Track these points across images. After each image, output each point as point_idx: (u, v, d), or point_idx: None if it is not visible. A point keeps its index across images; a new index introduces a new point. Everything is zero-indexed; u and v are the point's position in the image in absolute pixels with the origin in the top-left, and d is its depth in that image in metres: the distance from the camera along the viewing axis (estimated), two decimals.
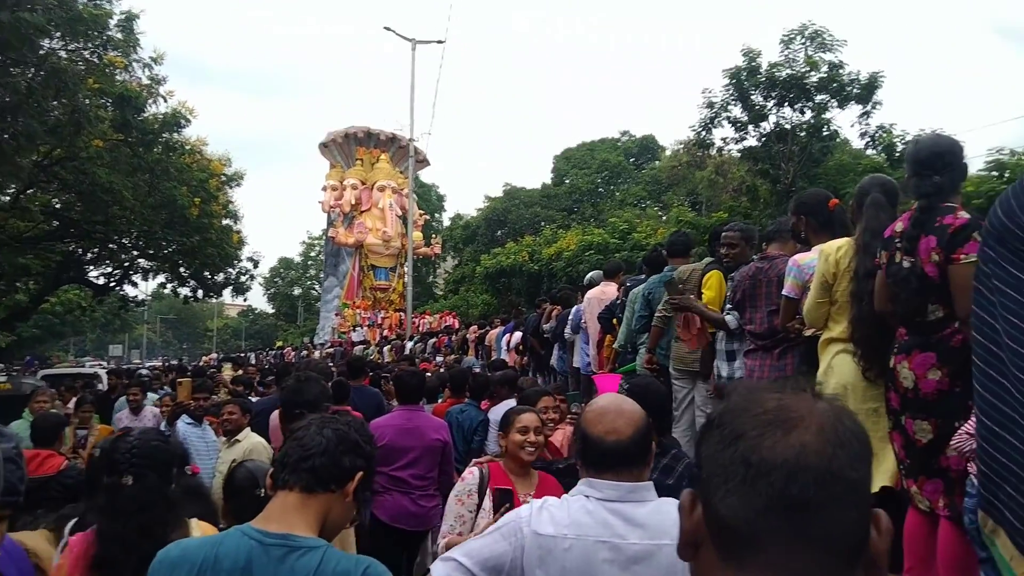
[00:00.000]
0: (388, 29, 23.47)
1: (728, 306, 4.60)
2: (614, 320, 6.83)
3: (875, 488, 3.28)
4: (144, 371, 16.61)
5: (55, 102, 11.27)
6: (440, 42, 23.92)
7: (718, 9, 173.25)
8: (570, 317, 8.52)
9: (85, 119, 11.32)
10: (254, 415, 5.46)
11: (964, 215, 2.88)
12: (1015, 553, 2.16)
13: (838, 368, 3.42)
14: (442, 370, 10.88)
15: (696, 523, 0.86)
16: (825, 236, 3.67)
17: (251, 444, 5.27)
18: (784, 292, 3.82)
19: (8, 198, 17.15)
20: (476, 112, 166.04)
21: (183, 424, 6.10)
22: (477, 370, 8.66)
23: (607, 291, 7.51)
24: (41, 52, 10.94)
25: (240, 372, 13.58)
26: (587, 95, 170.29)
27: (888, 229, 3.17)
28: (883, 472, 3.26)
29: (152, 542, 2.17)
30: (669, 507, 1.91)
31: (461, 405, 6.38)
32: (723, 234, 4.90)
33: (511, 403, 6.06)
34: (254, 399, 7.20)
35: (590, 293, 7.72)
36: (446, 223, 50.39)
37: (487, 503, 3.23)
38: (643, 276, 6.57)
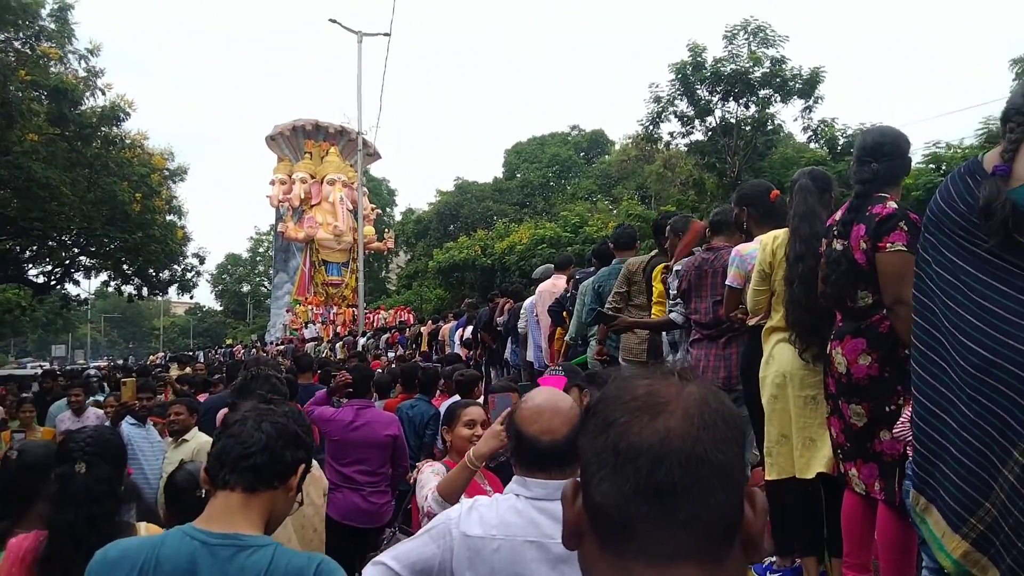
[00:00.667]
0: (333, 21, 23.27)
1: (672, 293, 4.65)
2: (564, 313, 6.86)
3: (811, 474, 3.37)
4: (92, 371, 16.15)
5: None
6: (386, 35, 23.69)
7: (665, 4, 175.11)
8: (522, 310, 8.53)
9: (17, 112, 10.94)
10: (202, 414, 5.35)
11: (892, 205, 2.96)
12: (946, 529, 2.24)
13: (778, 356, 3.49)
14: (393, 366, 10.81)
15: (578, 512, 0.87)
16: (767, 227, 3.73)
17: (199, 444, 5.16)
18: (727, 282, 3.88)
19: None
20: (426, 106, 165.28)
21: (127, 425, 5.94)
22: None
23: (558, 284, 7.54)
24: None
25: (187, 371, 13.31)
26: (537, 89, 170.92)
27: (831, 218, 3.25)
28: (820, 459, 3.35)
29: (100, 536, 2.16)
30: None
31: (412, 400, 6.36)
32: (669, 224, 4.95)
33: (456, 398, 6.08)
34: (201, 398, 7.07)
35: (541, 286, 7.75)
36: (397, 217, 50.07)
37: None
38: (592, 269, 6.61)
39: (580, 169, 45.61)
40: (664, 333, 4.77)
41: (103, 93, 15.41)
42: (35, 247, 20.83)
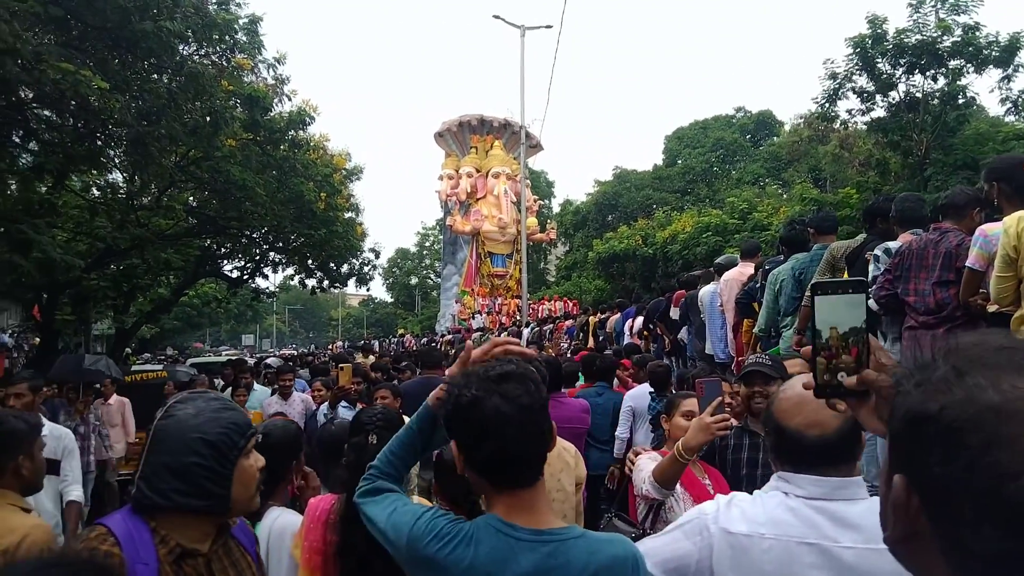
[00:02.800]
0: (497, 17, 23.60)
1: (882, 274, 4.24)
2: (754, 304, 6.53)
3: None
4: (271, 361, 17.31)
5: (194, 104, 11.79)
6: (548, 27, 23.85)
7: None
8: (699, 300, 8.24)
9: (222, 119, 11.83)
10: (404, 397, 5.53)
11: None
12: None
13: None
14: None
15: (914, 516, 0.74)
16: (1018, 203, 3.32)
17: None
18: (968, 263, 3.49)
19: (148, 199, 18.24)
20: (583, 96, 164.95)
21: (342, 408, 6.30)
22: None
23: (745, 272, 7.21)
24: (178, 58, 11.51)
25: (372, 357, 13.94)
26: (699, 72, 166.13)
27: None
28: None
29: None
30: None
31: (595, 388, 6.33)
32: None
33: (646, 387, 5.96)
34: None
35: (727, 275, 7.42)
36: (556, 209, 50.24)
37: (678, 488, 3.12)
38: (781, 257, 6.24)
39: (746, 152, 43.85)
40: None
41: (289, 99, 16.39)
42: (230, 244, 22.58)
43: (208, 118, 12.15)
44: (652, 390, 5.74)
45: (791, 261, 5.81)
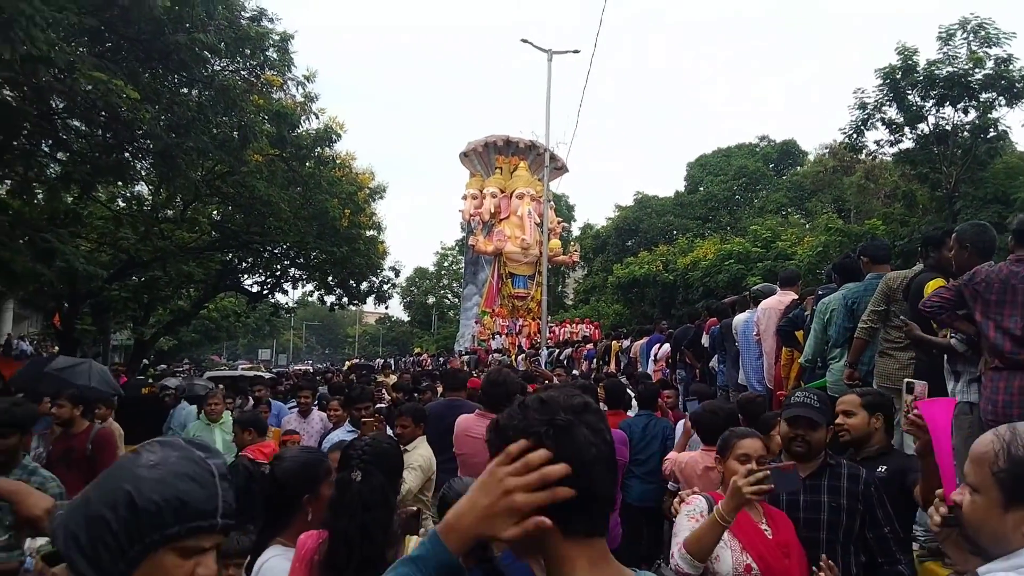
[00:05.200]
0: (525, 41, 23.54)
1: (949, 310, 3.96)
2: (797, 333, 6.26)
3: None
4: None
5: (224, 118, 11.73)
6: (576, 52, 23.76)
7: (854, 11, 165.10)
8: (735, 328, 7.96)
9: (251, 134, 11.76)
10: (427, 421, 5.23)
11: None
12: None
13: None
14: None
15: None
16: None
17: (420, 455, 5.02)
18: None
19: (173, 212, 18.25)
20: (605, 119, 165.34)
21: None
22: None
23: (784, 300, 6.94)
24: (208, 71, 11.47)
25: (394, 377, 13.72)
26: (723, 100, 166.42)
27: None
28: None
29: (372, 545, 2.29)
30: None
31: (641, 416, 6.10)
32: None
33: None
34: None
35: (766, 303, 7.14)
36: (576, 232, 50.09)
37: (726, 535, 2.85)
38: (834, 285, 5.97)
39: (769, 181, 43.55)
40: (946, 360, 4.10)
41: (316, 117, 16.35)
42: (252, 259, 22.57)
43: (237, 132, 12.09)
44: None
45: (843, 290, 5.54)
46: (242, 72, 12.86)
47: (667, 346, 11.90)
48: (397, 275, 27.95)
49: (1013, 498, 1.38)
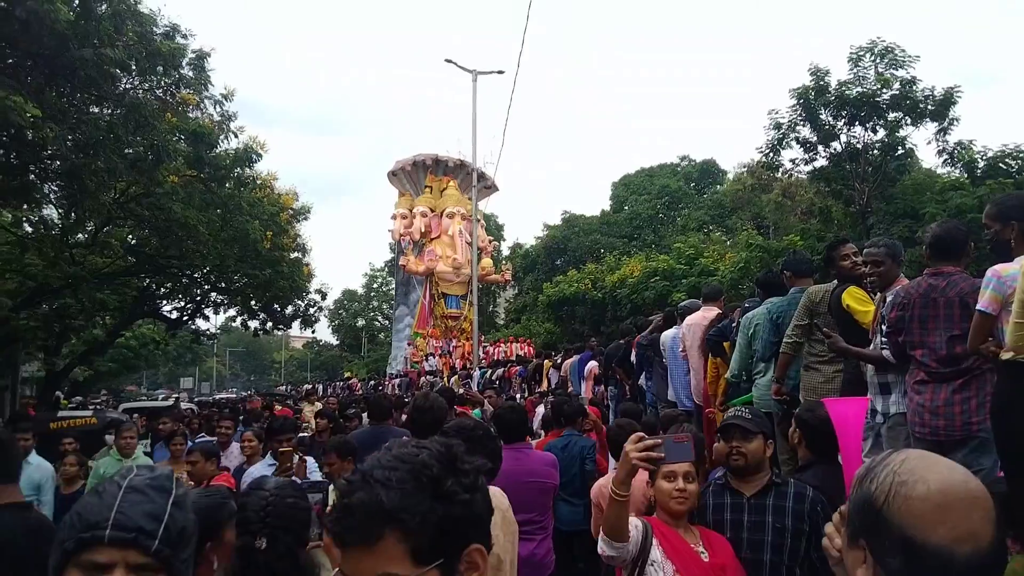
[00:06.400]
0: (449, 61, 23.49)
1: (883, 328, 3.99)
2: (725, 344, 6.26)
3: None
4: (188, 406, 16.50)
5: (136, 137, 11.24)
6: (500, 72, 23.81)
7: (770, 33, 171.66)
8: (661, 344, 7.96)
9: (165, 153, 11.28)
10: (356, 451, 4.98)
11: None
12: None
13: None
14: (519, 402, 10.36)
15: None
16: None
17: None
18: (979, 307, 3.23)
19: (84, 236, 17.43)
20: (532, 140, 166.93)
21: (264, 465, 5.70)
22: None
23: (708, 316, 6.95)
24: (119, 89, 10.98)
25: (319, 404, 13.30)
26: (644, 121, 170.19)
27: None
28: None
29: None
30: None
31: (562, 437, 5.95)
32: (866, 251, 4.30)
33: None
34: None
35: (690, 319, 7.15)
36: (505, 252, 50.19)
37: (656, 554, 2.76)
38: (757, 299, 6.00)
39: (691, 200, 44.57)
40: (872, 373, 4.10)
41: (235, 136, 15.84)
42: (170, 284, 21.77)
43: (150, 152, 11.60)
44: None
45: (767, 304, 5.56)
46: (156, 90, 12.38)
47: (594, 362, 11.89)
48: (324, 298, 27.42)
49: (852, 535, 1.18)
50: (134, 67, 10.50)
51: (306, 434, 7.71)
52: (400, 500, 1.12)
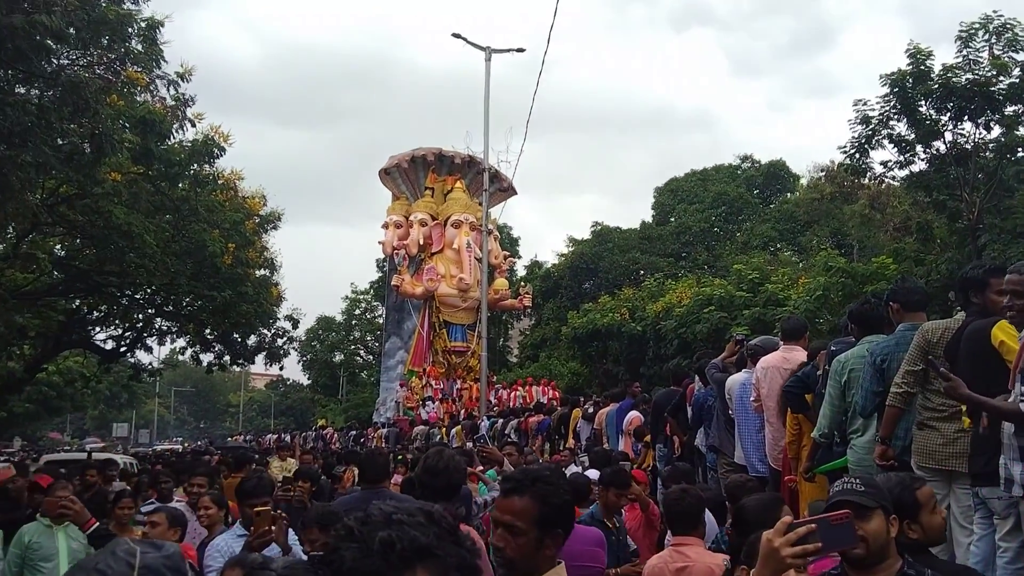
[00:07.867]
0: (458, 36, 23.68)
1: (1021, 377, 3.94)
2: (808, 396, 6.20)
3: None
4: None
5: (72, 124, 11.35)
6: (520, 50, 23.97)
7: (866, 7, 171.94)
8: (728, 393, 7.91)
9: (108, 145, 11.35)
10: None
11: None
12: None
13: None
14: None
15: None
16: None
17: None
18: None
19: (3, 245, 17.54)
20: (557, 133, 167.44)
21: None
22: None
23: (790, 357, 6.90)
24: (54, 64, 11.10)
25: (293, 461, 13.27)
26: (696, 116, 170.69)
27: None
28: None
29: None
30: None
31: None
32: (1008, 277, 4.26)
33: None
34: None
35: (767, 360, 7.09)
36: (521, 272, 50.20)
37: None
38: (850, 338, 5.95)
39: (754, 211, 44.60)
40: (1011, 435, 4.03)
41: (193, 125, 15.94)
42: (105, 307, 21.89)
43: (89, 143, 11.70)
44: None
45: (865, 344, 5.51)
46: (97, 67, 12.52)
47: (636, 413, 11.83)
48: (295, 326, 27.53)
49: None
50: (73, 36, 10.60)
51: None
52: (435, 539, 1.33)
